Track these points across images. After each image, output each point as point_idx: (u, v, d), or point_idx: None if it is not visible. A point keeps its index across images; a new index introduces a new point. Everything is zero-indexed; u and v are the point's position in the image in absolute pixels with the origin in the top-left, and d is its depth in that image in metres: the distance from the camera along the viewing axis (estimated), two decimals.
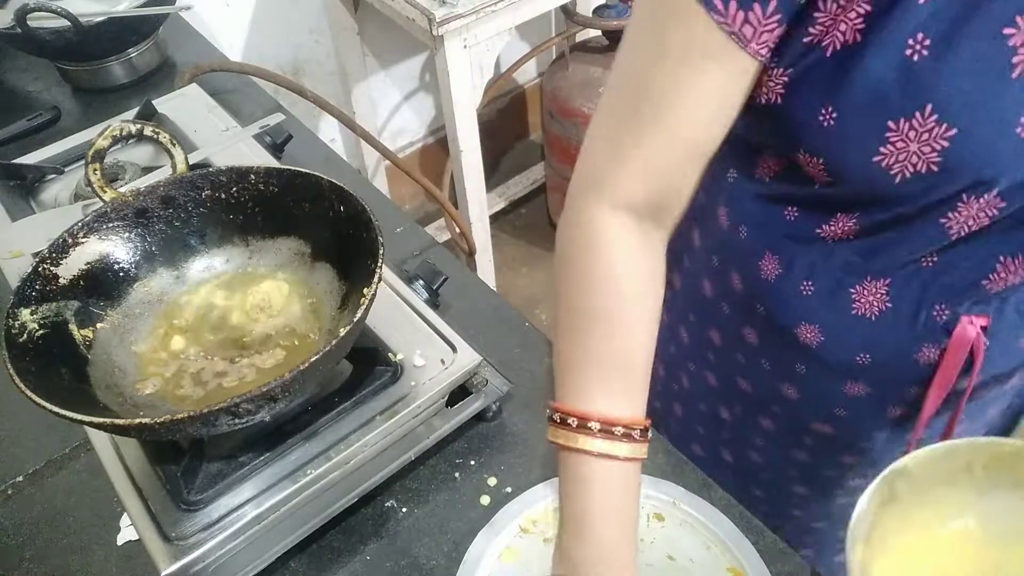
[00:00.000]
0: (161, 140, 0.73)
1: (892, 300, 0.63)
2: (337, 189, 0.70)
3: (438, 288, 0.86)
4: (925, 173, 0.53)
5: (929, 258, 0.60)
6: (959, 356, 0.64)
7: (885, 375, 0.68)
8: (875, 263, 0.63)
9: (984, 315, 0.62)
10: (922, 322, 0.63)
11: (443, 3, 1.55)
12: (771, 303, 0.70)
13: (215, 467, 0.65)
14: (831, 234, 0.63)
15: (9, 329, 0.62)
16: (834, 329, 0.67)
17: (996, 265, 0.59)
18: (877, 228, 0.60)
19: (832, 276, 0.65)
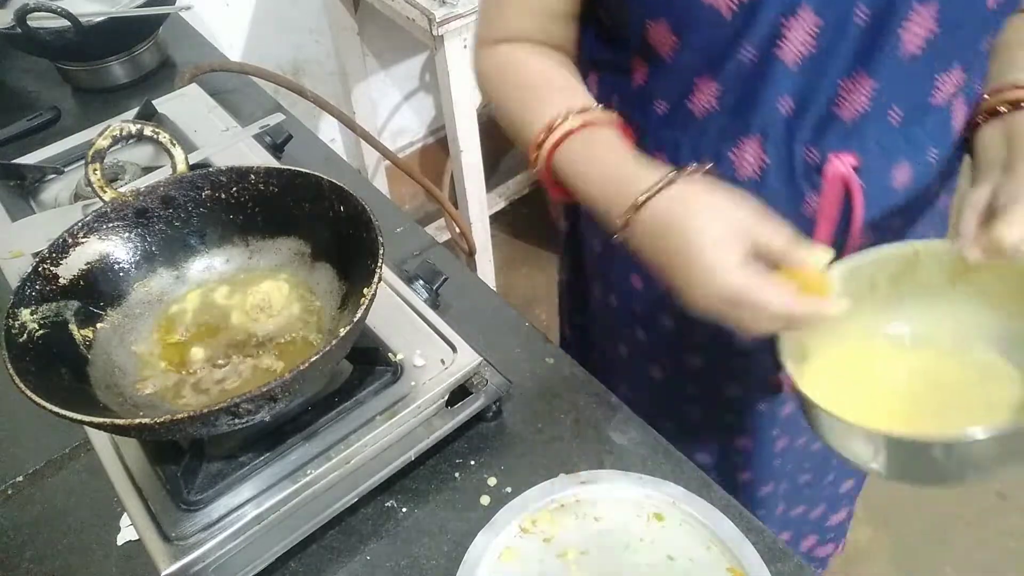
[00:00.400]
0: (161, 140, 0.73)
1: (768, 153, 0.69)
2: (337, 189, 0.70)
3: (438, 288, 0.86)
4: (745, 1, 0.60)
5: (785, 102, 0.66)
6: (836, 193, 0.69)
7: None
8: (742, 121, 0.69)
9: (850, 152, 0.68)
10: (799, 168, 0.69)
11: (443, 3, 1.55)
12: None
13: (215, 467, 0.65)
14: (700, 108, 0.70)
15: (9, 329, 0.62)
16: None
17: (838, 89, 0.65)
18: (731, 83, 0.67)
19: (711, 148, 0.71)
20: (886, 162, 0.70)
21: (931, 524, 1.73)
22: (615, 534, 0.68)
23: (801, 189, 0.70)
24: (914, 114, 0.68)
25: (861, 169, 0.69)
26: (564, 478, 0.72)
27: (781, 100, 0.66)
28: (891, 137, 0.68)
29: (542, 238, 2.47)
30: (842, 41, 0.62)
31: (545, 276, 2.38)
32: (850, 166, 0.68)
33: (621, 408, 0.79)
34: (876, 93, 0.65)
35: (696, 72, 0.68)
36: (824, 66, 0.64)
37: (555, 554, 0.67)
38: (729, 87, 0.67)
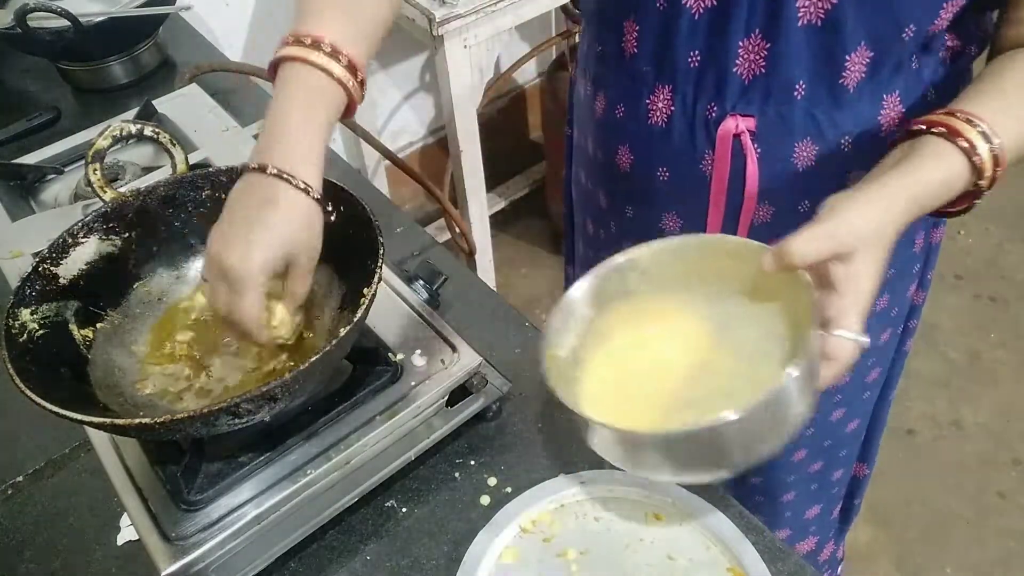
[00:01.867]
0: (161, 140, 0.73)
1: (675, 104, 0.73)
2: (337, 189, 0.70)
3: (438, 288, 0.86)
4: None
5: (694, 57, 0.70)
6: (726, 151, 0.72)
7: (685, 196, 0.78)
8: (659, 70, 0.73)
9: (748, 116, 0.70)
10: (699, 123, 0.73)
11: (443, 3, 1.55)
12: (600, 141, 0.83)
13: (215, 467, 0.65)
14: (628, 51, 0.74)
15: (9, 329, 0.62)
16: (639, 145, 0.78)
17: (738, 49, 0.68)
18: (649, 28, 0.71)
19: (635, 92, 0.76)
20: (786, 135, 0.71)
21: (931, 524, 1.73)
22: (615, 534, 0.68)
23: (701, 145, 0.73)
24: (821, 93, 0.69)
25: (758, 135, 0.71)
26: (564, 478, 0.72)
27: (691, 54, 0.70)
28: (792, 110, 0.70)
29: (542, 238, 2.47)
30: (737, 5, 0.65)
31: (545, 276, 2.38)
32: (746, 129, 0.71)
33: None
34: (772, 57, 0.67)
35: (622, 15, 0.73)
36: (724, 21, 0.67)
37: (555, 554, 0.67)
38: (646, 32, 0.72)
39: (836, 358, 0.56)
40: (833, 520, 1.17)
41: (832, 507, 1.15)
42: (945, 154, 0.59)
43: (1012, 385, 1.97)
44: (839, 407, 0.97)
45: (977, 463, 1.83)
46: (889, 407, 1.08)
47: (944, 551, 1.68)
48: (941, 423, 1.90)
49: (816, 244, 0.55)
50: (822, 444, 1.01)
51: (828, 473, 1.06)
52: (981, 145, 0.59)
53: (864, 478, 1.14)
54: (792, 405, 0.53)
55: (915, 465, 1.83)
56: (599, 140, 0.84)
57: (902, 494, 1.77)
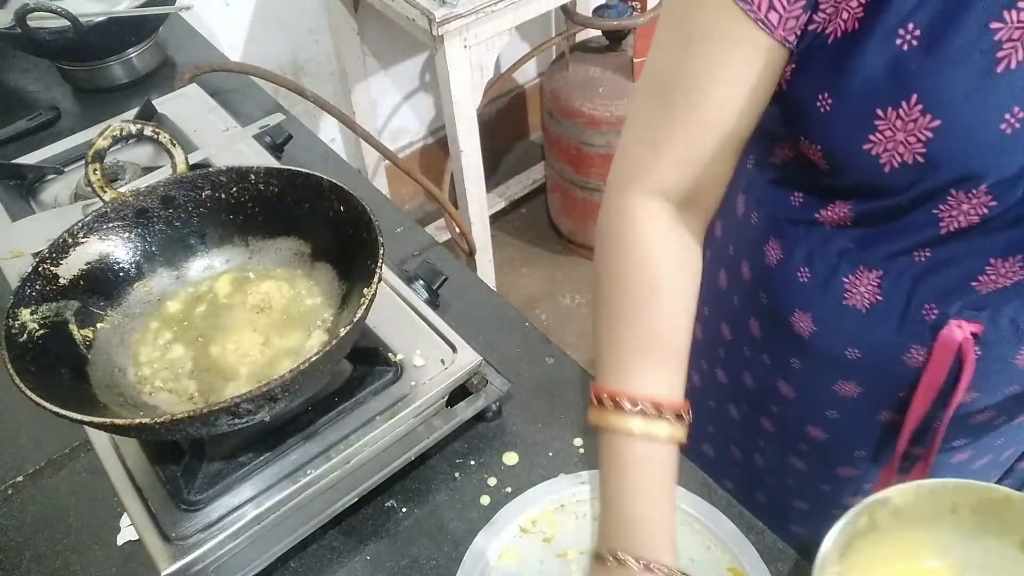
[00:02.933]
0: (161, 140, 0.73)
1: (883, 293, 0.63)
2: (337, 189, 0.70)
3: (438, 288, 0.86)
4: (911, 164, 0.53)
5: (921, 252, 0.60)
6: (945, 359, 0.63)
7: (875, 374, 0.68)
8: (869, 253, 0.63)
9: (976, 322, 0.61)
10: (911, 319, 0.63)
11: (443, 3, 1.55)
12: (772, 289, 0.71)
13: (215, 467, 0.65)
14: (830, 220, 0.64)
15: (9, 329, 0.62)
16: (826, 318, 0.68)
17: (986, 266, 0.59)
18: (871, 217, 0.61)
19: (828, 263, 0.65)
20: (1016, 339, 0.62)
21: None
22: None
23: (908, 340, 0.64)
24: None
25: (983, 340, 0.62)
26: (564, 478, 0.72)
27: (919, 253, 0.60)
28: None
29: (542, 238, 2.47)
30: (1010, 226, 0.56)
31: (545, 276, 2.38)
32: (970, 334, 0.62)
33: None
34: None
35: (839, 194, 0.62)
36: (980, 240, 0.58)
37: (555, 554, 0.67)
38: (864, 219, 0.62)
39: None
40: None
41: None
42: None
43: None
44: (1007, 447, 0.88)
45: None
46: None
47: None
48: None
49: None
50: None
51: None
52: None
53: None
54: None
55: None
56: (767, 287, 0.72)
57: None
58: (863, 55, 0.51)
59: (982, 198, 0.54)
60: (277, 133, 1.06)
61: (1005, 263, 0.58)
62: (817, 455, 0.80)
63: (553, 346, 0.86)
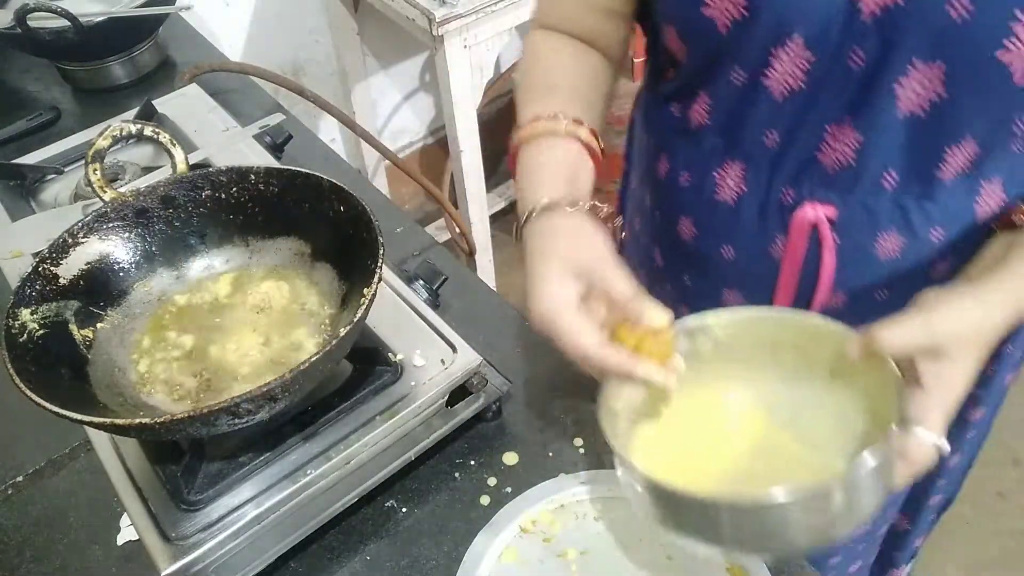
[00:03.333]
0: (161, 140, 0.73)
1: (747, 183, 0.68)
2: (337, 189, 0.70)
3: (438, 288, 0.86)
4: (740, 20, 0.59)
5: (771, 136, 0.65)
6: (801, 239, 0.67)
7: (749, 273, 0.73)
8: (731, 145, 0.68)
9: (829, 203, 0.65)
10: (772, 206, 0.68)
11: (443, 3, 1.55)
12: (662, 202, 0.78)
13: (215, 467, 0.65)
14: (697, 121, 0.70)
15: (9, 329, 0.62)
16: (703, 218, 0.74)
17: (824, 134, 0.62)
18: (722, 102, 0.67)
19: (702, 163, 0.71)
20: (871, 226, 0.65)
21: None
22: (615, 534, 0.68)
23: (773, 228, 0.68)
24: (913, 184, 0.63)
25: (838, 225, 0.65)
26: (564, 478, 0.72)
27: (767, 132, 0.65)
28: (881, 202, 0.64)
29: None
30: (832, 82, 0.60)
31: None
32: (824, 218, 0.65)
33: None
34: (863, 148, 0.62)
35: (699, 84, 0.68)
36: (811, 105, 0.61)
37: (555, 554, 0.67)
38: (720, 105, 0.67)
39: (911, 459, 0.53)
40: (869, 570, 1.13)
41: (870, 560, 1.11)
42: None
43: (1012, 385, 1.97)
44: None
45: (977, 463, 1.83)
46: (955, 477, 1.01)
47: (944, 551, 1.68)
48: None
49: (910, 335, 0.52)
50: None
51: (875, 530, 1.02)
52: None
53: (906, 534, 1.07)
54: (856, 500, 0.50)
55: None
56: (659, 202, 0.79)
57: None
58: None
59: (801, 53, 0.59)
60: (277, 133, 1.06)
61: (839, 127, 0.62)
62: None
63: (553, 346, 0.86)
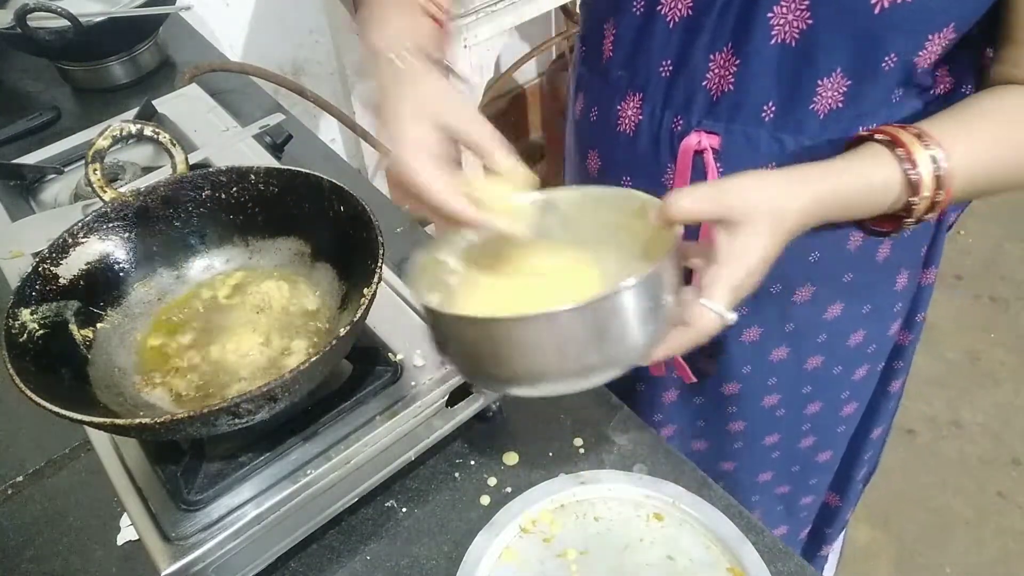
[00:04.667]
0: (161, 140, 0.73)
1: (644, 113, 0.72)
2: (337, 189, 0.70)
3: None
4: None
5: (666, 66, 0.69)
6: (686, 166, 0.70)
7: None
8: (631, 77, 0.72)
9: (713, 133, 0.68)
10: (664, 135, 0.71)
11: None
12: (577, 141, 0.83)
13: (215, 467, 0.65)
14: (605, 55, 0.73)
15: (9, 329, 0.62)
16: (607, 150, 0.78)
17: (709, 63, 0.66)
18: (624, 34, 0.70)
19: (608, 96, 0.75)
20: (751, 156, 0.68)
21: (931, 524, 1.73)
22: (615, 534, 0.68)
23: (665, 157, 0.72)
24: (789, 116, 0.66)
25: (721, 154, 0.69)
26: (564, 478, 0.72)
27: (664, 63, 0.69)
28: (759, 132, 0.67)
29: None
30: (713, 9, 0.63)
31: None
32: (709, 146, 0.68)
33: (621, 408, 0.79)
34: (741, 74, 0.65)
35: (603, 17, 0.72)
36: (697, 33, 0.65)
37: (555, 554, 0.67)
38: (622, 36, 0.70)
39: (693, 325, 0.54)
40: (799, 540, 1.16)
41: (799, 530, 1.13)
42: (881, 161, 0.57)
43: (1012, 385, 1.97)
44: (808, 435, 0.96)
45: (977, 463, 1.83)
46: (877, 447, 1.05)
47: (944, 551, 1.68)
48: (941, 423, 1.90)
49: (698, 203, 0.53)
50: (789, 469, 1.00)
51: (795, 498, 1.05)
52: (924, 162, 0.56)
53: (837, 509, 1.11)
54: (623, 320, 0.51)
55: (915, 465, 1.83)
56: (574, 142, 0.84)
57: (902, 494, 1.77)
58: None
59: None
60: (277, 133, 1.06)
61: (722, 54, 0.65)
62: None
63: None
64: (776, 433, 0.94)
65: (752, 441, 0.95)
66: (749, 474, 1.00)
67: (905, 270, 0.81)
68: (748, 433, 0.94)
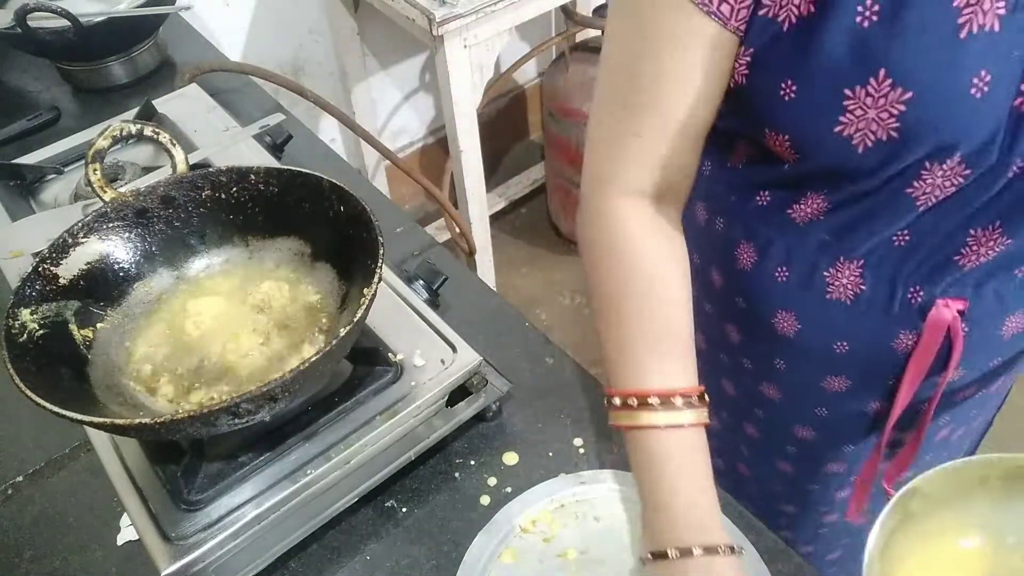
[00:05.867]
0: (161, 140, 0.73)
1: (866, 282, 0.63)
2: (337, 189, 0.70)
3: (438, 288, 0.86)
4: (886, 140, 0.53)
5: (901, 236, 0.60)
6: (935, 340, 0.63)
7: (863, 366, 0.68)
8: (848, 243, 0.63)
9: (961, 298, 0.62)
10: (897, 305, 0.63)
11: (443, 3, 1.55)
12: (749, 293, 0.71)
13: (215, 467, 0.65)
14: (803, 215, 0.64)
15: (9, 329, 0.62)
16: (810, 315, 0.68)
17: (967, 239, 0.59)
18: (846, 204, 0.61)
19: (806, 259, 0.65)
20: (1000, 312, 0.63)
21: None
22: (615, 534, 0.68)
23: (896, 326, 0.64)
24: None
25: (968, 316, 0.63)
26: (564, 478, 0.72)
27: (899, 233, 0.60)
28: (1011, 288, 0.62)
29: (542, 238, 2.47)
30: (985, 191, 0.56)
31: (545, 276, 2.38)
32: (956, 311, 0.62)
33: None
34: (1010, 251, 0.59)
35: (810, 185, 0.62)
36: (958, 213, 0.58)
37: (555, 554, 0.67)
38: (841, 208, 0.61)
39: None
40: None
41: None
42: None
43: None
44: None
45: None
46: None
47: None
48: None
49: None
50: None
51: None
52: None
53: None
54: None
55: None
56: (744, 291, 0.72)
57: None
58: (824, 37, 0.52)
59: (956, 168, 0.54)
60: (277, 133, 1.06)
61: (985, 232, 0.58)
62: (805, 455, 0.79)
63: (553, 346, 0.86)
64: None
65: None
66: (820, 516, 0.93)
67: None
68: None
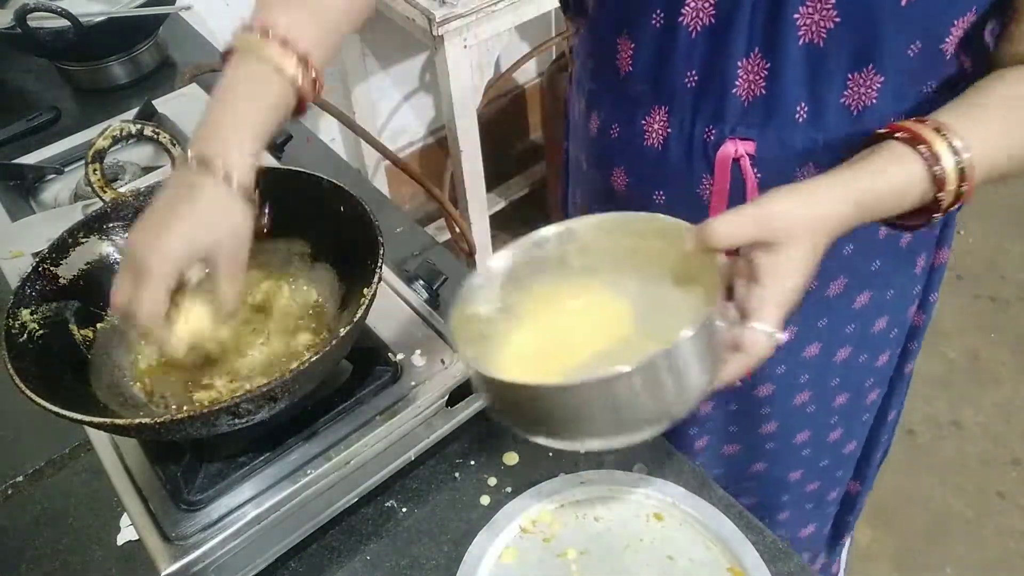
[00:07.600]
0: (161, 140, 0.73)
1: (671, 125, 0.71)
2: (337, 189, 0.70)
3: (438, 288, 0.86)
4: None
5: (691, 76, 0.67)
6: (725, 178, 0.70)
7: (679, 216, 0.69)
8: (656, 90, 0.70)
9: (748, 140, 0.68)
10: (696, 147, 0.70)
11: (443, 3, 1.55)
12: (595, 159, 0.81)
13: (215, 467, 0.65)
14: (623, 67, 0.71)
15: (9, 329, 0.62)
16: (634, 165, 0.76)
17: (737, 69, 0.65)
18: (646, 44, 0.68)
19: (629, 111, 0.73)
20: (788, 159, 0.68)
21: (931, 524, 1.73)
22: (615, 534, 0.68)
23: (699, 168, 0.71)
24: (822, 115, 0.65)
25: (758, 160, 0.68)
26: (564, 478, 0.72)
27: (688, 74, 0.67)
28: (793, 133, 0.67)
29: None
30: (739, 15, 0.62)
31: None
32: (745, 153, 0.68)
33: None
34: (771, 77, 0.64)
35: (616, 31, 0.70)
36: (723, 41, 0.64)
37: (555, 554, 0.67)
38: (642, 50, 0.69)
39: (747, 351, 0.53)
40: (824, 535, 1.16)
41: (825, 525, 1.14)
42: (904, 160, 0.56)
43: (1012, 385, 1.97)
44: (836, 427, 0.96)
45: (977, 463, 1.83)
46: (891, 430, 1.05)
47: (944, 551, 1.68)
48: (941, 423, 1.90)
49: (738, 227, 0.53)
50: (819, 464, 1.00)
51: (824, 493, 1.05)
52: (946, 156, 0.55)
53: (858, 495, 1.12)
54: (684, 372, 0.50)
55: (915, 465, 1.83)
56: (594, 160, 0.81)
57: (902, 494, 1.77)
58: None
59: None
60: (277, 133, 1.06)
61: (750, 62, 0.64)
62: None
63: None
64: (807, 430, 0.94)
65: (784, 440, 0.95)
66: (780, 474, 0.99)
67: (923, 252, 0.83)
68: (780, 433, 0.94)
